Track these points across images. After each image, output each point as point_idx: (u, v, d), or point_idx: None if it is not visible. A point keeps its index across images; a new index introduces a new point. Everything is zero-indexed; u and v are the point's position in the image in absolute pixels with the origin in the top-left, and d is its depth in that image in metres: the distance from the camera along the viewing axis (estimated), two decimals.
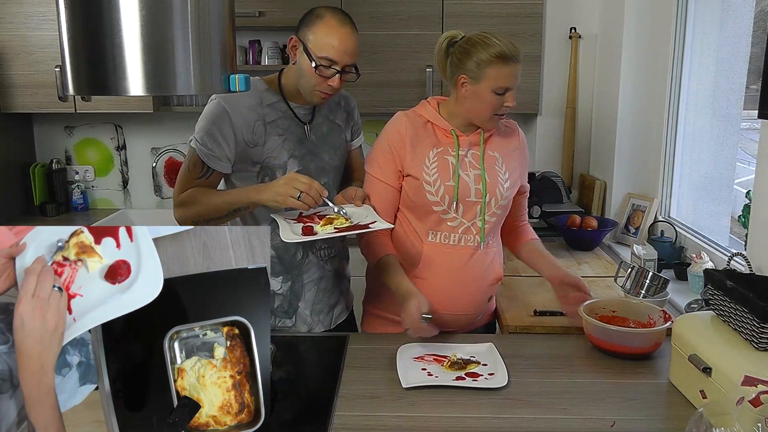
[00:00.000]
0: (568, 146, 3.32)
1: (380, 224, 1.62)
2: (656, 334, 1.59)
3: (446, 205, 1.74)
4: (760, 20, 2.19)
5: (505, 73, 1.65)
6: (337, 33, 1.63)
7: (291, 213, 1.68)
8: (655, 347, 1.60)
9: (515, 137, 1.86)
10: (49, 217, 3.30)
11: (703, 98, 2.56)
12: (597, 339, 1.63)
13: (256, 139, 1.71)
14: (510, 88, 1.68)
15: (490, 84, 1.66)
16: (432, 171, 1.74)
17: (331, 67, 1.64)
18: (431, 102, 1.82)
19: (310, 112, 1.80)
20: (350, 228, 1.60)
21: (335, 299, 1.92)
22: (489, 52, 1.64)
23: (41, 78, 3.02)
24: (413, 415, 1.36)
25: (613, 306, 1.74)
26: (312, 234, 1.57)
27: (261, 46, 3.28)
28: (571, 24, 3.27)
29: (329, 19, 1.64)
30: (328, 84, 1.66)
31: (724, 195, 2.44)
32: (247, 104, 1.70)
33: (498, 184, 1.78)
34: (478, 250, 1.78)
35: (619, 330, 1.60)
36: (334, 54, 1.63)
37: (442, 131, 1.78)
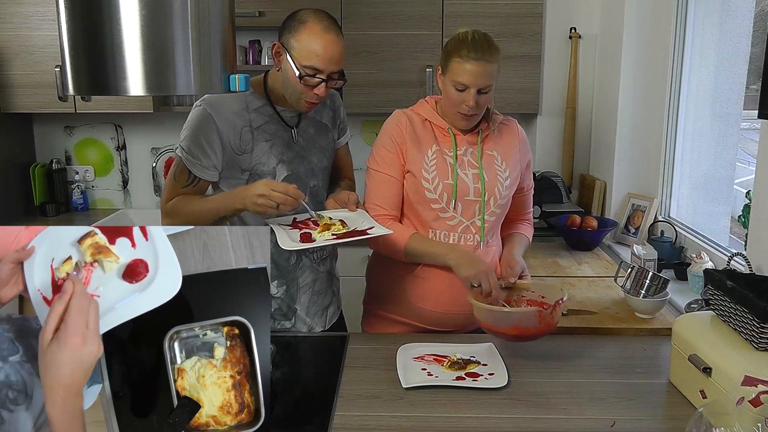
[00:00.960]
0: (568, 146, 3.31)
1: (378, 230, 1.62)
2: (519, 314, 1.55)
3: (445, 204, 1.74)
4: (760, 20, 2.19)
5: (464, 69, 1.64)
6: (321, 40, 1.57)
7: (285, 219, 1.67)
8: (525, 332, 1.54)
9: (514, 135, 1.86)
10: (49, 217, 3.30)
11: (703, 98, 2.56)
12: (479, 321, 1.60)
13: (243, 146, 1.68)
14: (468, 86, 1.65)
15: (450, 77, 1.67)
16: (431, 169, 1.74)
17: (315, 76, 1.59)
18: (429, 101, 1.82)
19: (297, 115, 1.77)
20: (348, 234, 1.59)
21: (328, 300, 1.92)
22: (455, 46, 1.66)
23: (41, 78, 3.02)
24: (413, 415, 1.36)
25: (542, 291, 1.70)
26: (310, 241, 1.56)
27: (261, 46, 3.28)
28: (571, 24, 3.27)
29: (313, 25, 1.58)
30: (314, 93, 1.62)
31: (724, 195, 2.44)
32: (233, 109, 1.67)
33: (497, 183, 1.78)
34: (477, 249, 1.78)
35: (485, 308, 1.56)
36: (318, 63, 1.58)
37: (440, 130, 1.78)
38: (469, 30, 1.69)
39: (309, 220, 1.67)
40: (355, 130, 3.40)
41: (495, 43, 1.68)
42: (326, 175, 1.88)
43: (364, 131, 3.45)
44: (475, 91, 1.65)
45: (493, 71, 1.66)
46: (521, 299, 1.71)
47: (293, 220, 1.67)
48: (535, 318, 1.52)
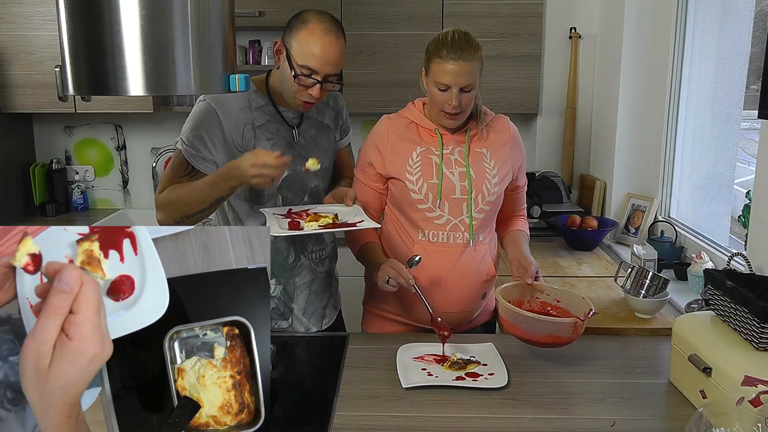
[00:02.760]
0: (568, 146, 3.32)
1: (367, 223, 1.63)
2: (556, 324, 1.53)
3: (431, 203, 1.75)
4: (760, 20, 2.19)
5: (444, 70, 1.65)
6: (320, 41, 1.57)
7: (280, 209, 1.70)
8: (558, 340, 1.53)
9: (505, 132, 1.86)
10: (49, 217, 3.30)
11: (703, 98, 2.56)
12: (507, 322, 1.59)
13: (245, 143, 1.68)
14: (450, 85, 1.66)
15: (432, 77, 1.69)
16: (415, 170, 1.75)
17: (311, 76, 1.59)
18: (416, 103, 1.84)
19: (299, 115, 1.77)
20: (336, 225, 1.61)
21: (326, 300, 1.92)
22: (436, 47, 1.67)
23: (41, 78, 3.03)
24: (413, 415, 1.36)
25: (558, 296, 1.69)
26: (298, 229, 1.57)
27: (261, 46, 3.28)
28: (571, 24, 3.27)
29: (314, 26, 1.58)
30: (309, 93, 1.62)
31: (724, 195, 2.44)
32: (237, 106, 1.67)
33: (485, 181, 1.78)
34: (468, 248, 1.79)
35: (522, 314, 1.53)
36: (314, 64, 1.58)
37: (426, 131, 1.79)
38: (450, 29, 1.70)
39: (304, 212, 1.68)
40: (355, 130, 3.38)
41: (476, 41, 1.68)
42: (327, 175, 1.88)
43: (364, 131, 3.45)
44: (457, 90, 1.66)
45: (474, 70, 1.66)
46: (534, 300, 1.71)
47: (288, 210, 1.69)
48: (570, 328, 1.52)
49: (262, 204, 1.74)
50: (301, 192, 1.78)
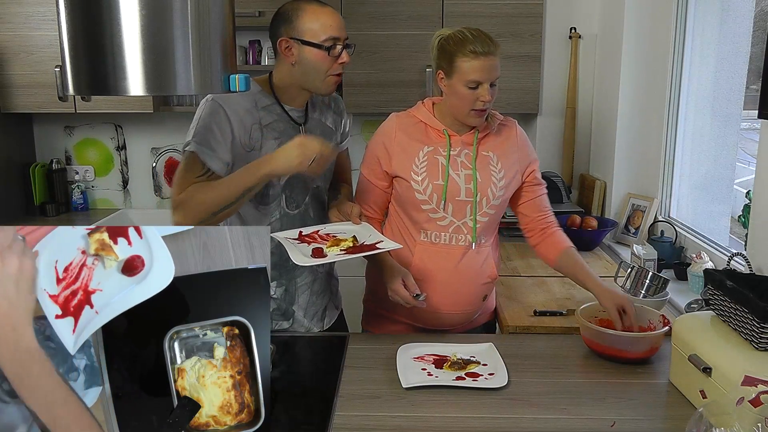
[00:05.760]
0: (568, 146, 3.32)
1: (387, 244, 1.63)
2: (652, 338, 1.57)
3: (435, 204, 1.75)
4: (760, 20, 2.19)
5: (474, 67, 1.65)
6: (325, 12, 1.63)
7: (291, 232, 1.68)
8: (651, 352, 1.58)
9: (512, 136, 1.85)
10: (49, 217, 3.30)
11: (703, 98, 2.56)
12: (592, 342, 1.62)
13: (252, 143, 1.67)
14: (481, 81, 1.66)
15: (461, 78, 1.67)
16: (421, 170, 1.75)
17: (336, 44, 1.64)
18: (426, 103, 1.83)
19: (303, 114, 1.77)
20: (357, 249, 1.61)
21: (327, 300, 1.92)
22: (458, 46, 1.66)
23: (41, 78, 3.03)
24: (413, 415, 1.36)
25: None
26: (323, 256, 1.57)
27: (261, 46, 3.28)
28: (571, 24, 3.27)
29: (308, 5, 1.63)
30: (339, 63, 1.65)
31: (724, 195, 2.44)
32: (244, 106, 1.66)
33: (491, 184, 1.77)
34: (470, 250, 1.79)
35: (614, 334, 1.57)
36: (335, 32, 1.63)
37: (435, 131, 1.78)
38: (462, 28, 1.70)
39: (315, 233, 1.67)
40: (355, 130, 3.40)
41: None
42: (329, 177, 1.88)
43: (364, 131, 3.45)
44: (488, 85, 1.66)
45: (499, 62, 1.68)
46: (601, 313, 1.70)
47: (299, 233, 1.68)
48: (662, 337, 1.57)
49: (266, 204, 1.73)
50: (304, 192, 1.78)
